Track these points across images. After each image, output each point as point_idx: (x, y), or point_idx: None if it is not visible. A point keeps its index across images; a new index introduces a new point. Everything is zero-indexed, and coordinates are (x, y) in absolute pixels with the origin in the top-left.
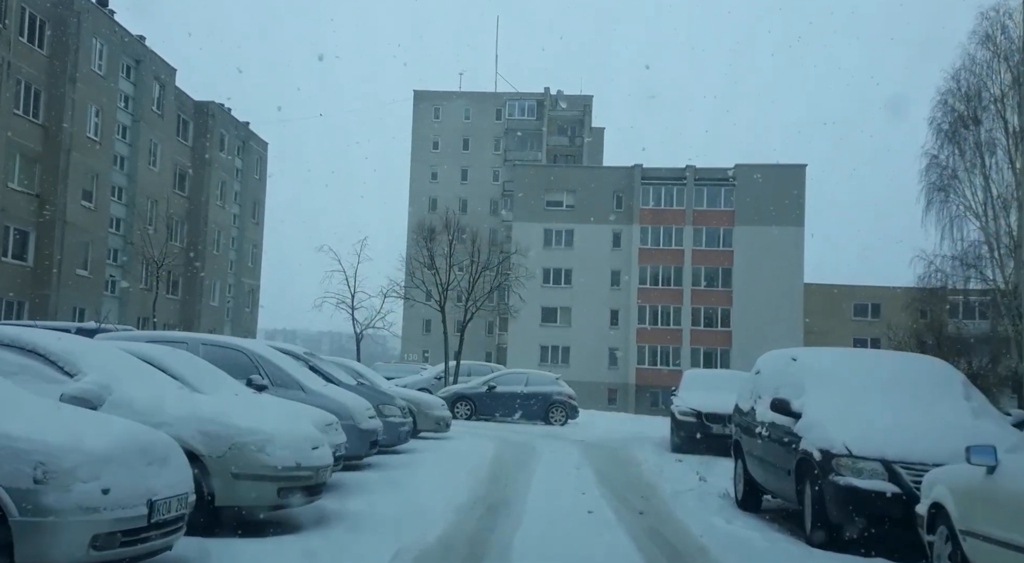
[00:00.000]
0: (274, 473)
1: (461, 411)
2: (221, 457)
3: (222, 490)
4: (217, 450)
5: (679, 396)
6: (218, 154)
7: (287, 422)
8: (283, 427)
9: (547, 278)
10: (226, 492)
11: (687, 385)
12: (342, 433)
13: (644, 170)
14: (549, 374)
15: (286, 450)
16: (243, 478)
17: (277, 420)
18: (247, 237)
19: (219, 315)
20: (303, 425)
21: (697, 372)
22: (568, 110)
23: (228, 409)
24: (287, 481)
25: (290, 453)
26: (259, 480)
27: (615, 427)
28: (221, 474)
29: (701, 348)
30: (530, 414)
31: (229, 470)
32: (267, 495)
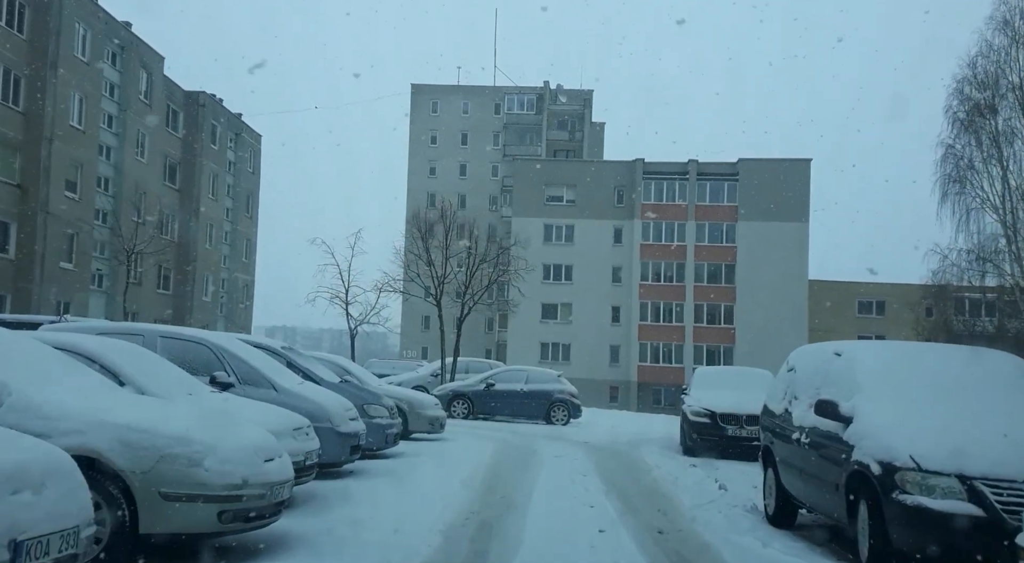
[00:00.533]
0: (213, 492)
1: (458, 410)
2: (146, 473)
3: (148, 514)
4: (142, 464)
5: (690, 395)
6: (210, 146)
7: (236, 429)
8: (229, 435)
9: (547, 274)
10: (152, 517)
11: (698, 383)
12: (315, 438)
13: (646, 164)
14: (550, 371)
15: (230, 464)
16: (174, 499)
17: (223, 426)
18: (240, 231)
19: (212, 310)
20: (255, 433)
21: (709, 370)
22: (568, 104)
23: (163, 413)
24: (231, 502)
25: (235, 467)
26: (194, 501)
27: (619, 426)
28: (146, 494)
29: (704, 345)
30: (531, 413)
31: (156, 489)
32: (205, 520)
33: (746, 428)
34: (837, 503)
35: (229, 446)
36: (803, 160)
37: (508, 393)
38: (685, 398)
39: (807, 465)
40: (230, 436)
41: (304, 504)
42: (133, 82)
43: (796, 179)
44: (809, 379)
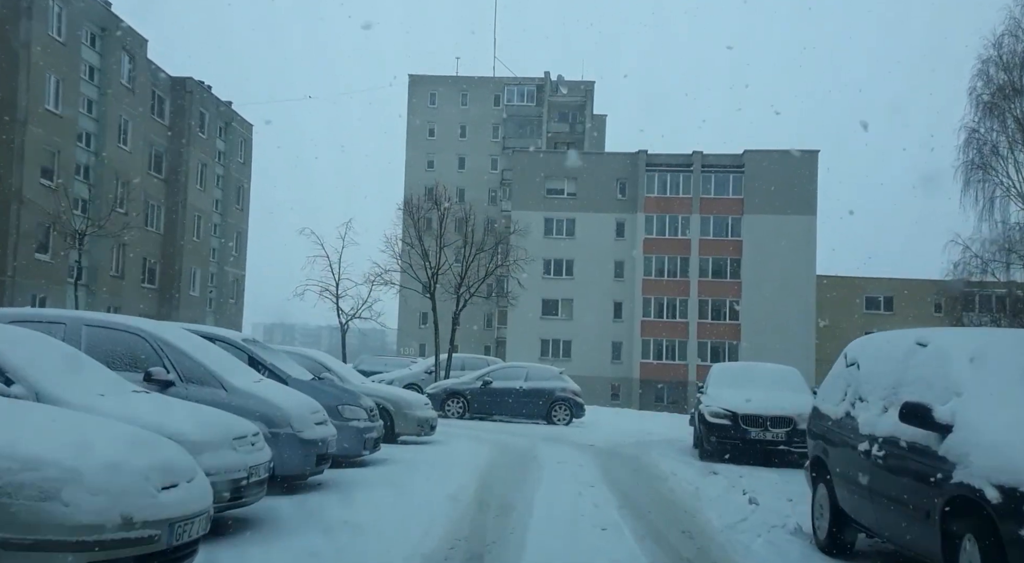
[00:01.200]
0: (74, 537)
1: (453, 409)
2: None
3: None
4: None
5: (708, 394)
6: (197, 134)
7: (121, 445)
8: (106, 454)
9: (548, 269)
10: None
11: (717, 381)
12: (264, 448)
13: (649, 156)
14: (551, 368)
15: (103, 495)
16: (17, 547)
17: (105, 442)
18: (231, 224)
19: (200, 306)
20: (155, 450)
21: (728, 366)
22: (569, 96)
23: (24, 426)
24: (104, 549)
25: (110, 500)
26: (44, 550)
27: (625, 427)
28: None
29: (708, 342)
30: (530, 413)
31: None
32: None
33: (771, 431)
34: (927, 535)
35: (101, 470)
36: (811, 152)
37: (506, 391)
38: (701, 397)
39: (880, 483)
40: (107, 455)
41: (243, 531)
42: (114, 65)
43: (804, 171)
44: (880, 376)
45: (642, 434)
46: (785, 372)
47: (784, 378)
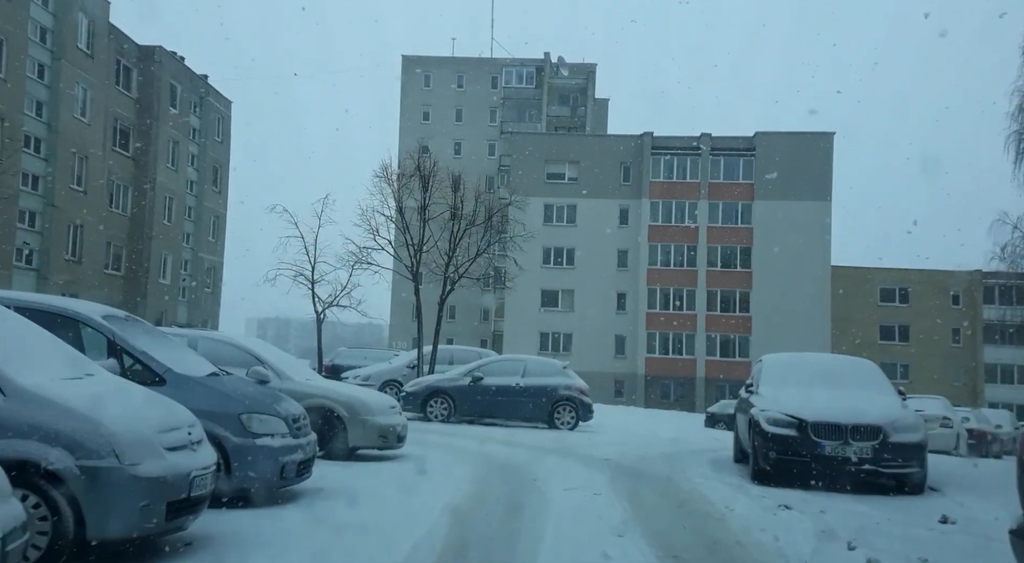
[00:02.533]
0: None
1: (436, 411)
2: None
3: None
4: None
5: (762, 394)
6: (168, 109)
7: None
8: None
9: (548, 258)
10: None
11: (771, 377)
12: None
13: (655, 139)
14: (554, 361)
15: None
16: None
17: None
18: (207, 207)
19: (171, 294)
20: None
21: (784, 358)
22: (570, 78)
23: None
24: None
25: None
26: None
27: (639, 431)
28: None
29: (717, 335)
30: (529, 414)
31: None
32: None
33: (853, 445)
34: None
35: None
36: (825, 133)
37: (500, 389)
38: (751, 398)
39: None
40: None
41: None
42: (70, 27)
43: (818, 154)
44: None
45: (663, 441)
46: (860, 365)
47: (860, 373)
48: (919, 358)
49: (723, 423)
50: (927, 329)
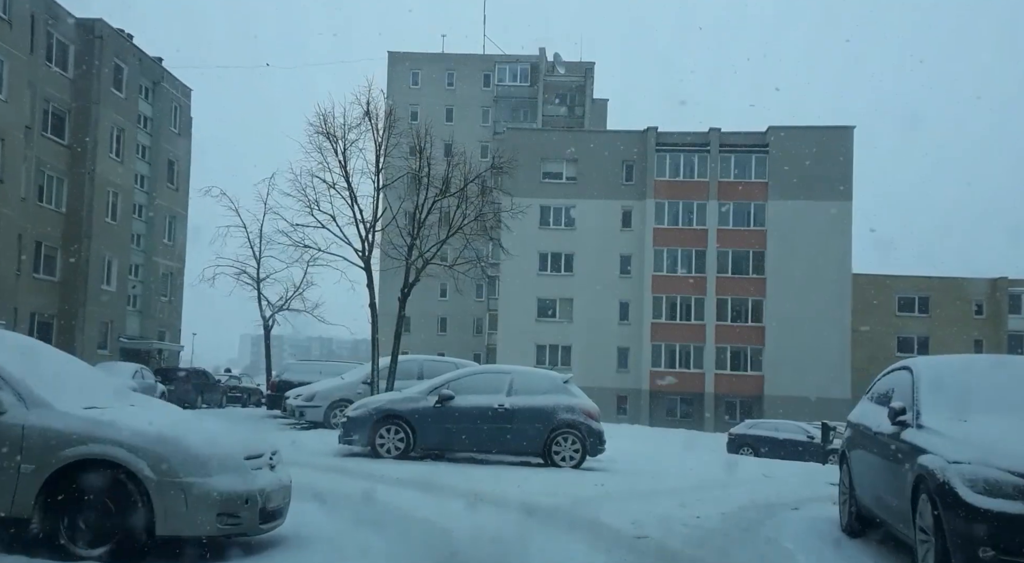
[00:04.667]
0: None
1: (388, 443)
2: None
3: None
4: None
5: (938, 432)
6: (110, 91)
7: None
8: None
9: (544, 264)
10: None
11: (944, 398)
12: None
13: (660, 135)
14: (552, 374)
15: None
16: None
17: None
18: (161, 205)
19: (117, 302)
20: None
21: (959, 363)
22: (567, 76)
23: None
24: None
25: None
26: None
27: (664, 467)
28: None
29: (728, 347)
30: (517, 446)
31: None
32: None
33: None
34: None
35: None
36: (844, 128)
37: (477, 412)
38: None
39: None
40: None
41: None
42: None
43: (836, 150)
44: None
45: (709, 486)
46: None
47: None
48: None
49: (748, 448)
50: (947, 340)
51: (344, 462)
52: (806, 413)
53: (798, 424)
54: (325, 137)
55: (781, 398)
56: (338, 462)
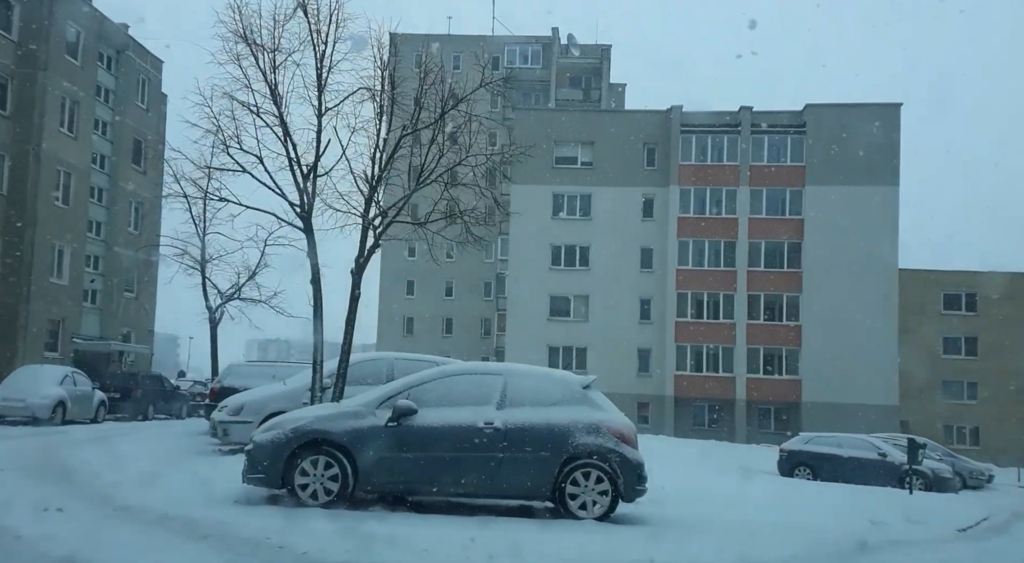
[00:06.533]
0: None
1: (315, 482)
2: None
3: None
4: None
5: None
6: (63, 58)
7: None
8: None
9: (557, 258)
10: None
11: None
12: None
13: (685, 115)
14: (568, 375)
15: None
16: None
17: None
18: (124, 189)
19: (70, 298)
20: None
21: None
22: (582, 58)
23: None
24: None
25: None
26: None
27: (725, 499)
28: None
29: (760, 348)
30: (513, 485)
31: None
32: None
33: None
34: None
35: None
36: (891, 105)
37: (451, 434)
38: None
39: None
40: None
41: None
42: None
43: (882, 130)
44: None
45: (832, 551)
46: None
47: None
48: (987, 375)
49: (805, 467)
50: (997, 341)
51: (240, 515)
52: (848, 423)
53: (866, 438)
54: (243, 40)
55: (820, 405)
56: (231, 514)
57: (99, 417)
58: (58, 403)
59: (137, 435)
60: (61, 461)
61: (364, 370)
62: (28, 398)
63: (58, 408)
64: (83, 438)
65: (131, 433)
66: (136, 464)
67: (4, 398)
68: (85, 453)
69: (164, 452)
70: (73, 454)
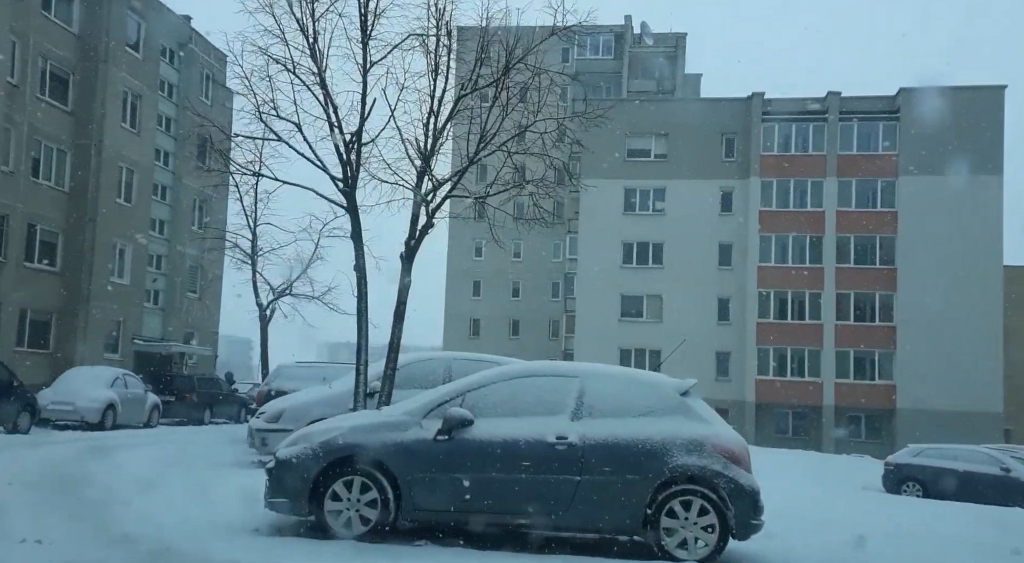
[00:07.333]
0: None
1: (350, 508)
2: None
3: None
4: None
5: None
6: (124, 50)
7: None
8: None
9: (629, 256)
10: None
11: None
12: None
13: (767, 102)
14: (663, 379)
15: None
16: None
17: None
18: (189, 187)
19: (131, 299)
20: None
21: None
22: (655, 47)
23: None
24: None
25: None
26: None
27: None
28: None
29: (850, 351)
30: (592, 516)
31: None
32: None
33: None
34: None
35: None
36: (993, 87)
37: (514, 451)
38: None
39: None
40: None
41: None
42: None
43: (984, 115)
44: None
45: None
46: None
47: None
48: None
49: (914, 483)
50: None
51: (256, 550)
52: (947, 432)
53: (986, 450)
54: None
55: (916, 412)
56: (245, 549)
57: (152, 421)
58: (108, 406)
59: (177, 442)
60: (77, 473)
61: (417, 372)
62: (77, 402)
63: (108, 412)
64: (119, 444)
65: (173, 440)
66: (157, 478)
67: (53, 402)
68: (108, 464)
69: (195, 463)
70: (95, 465)
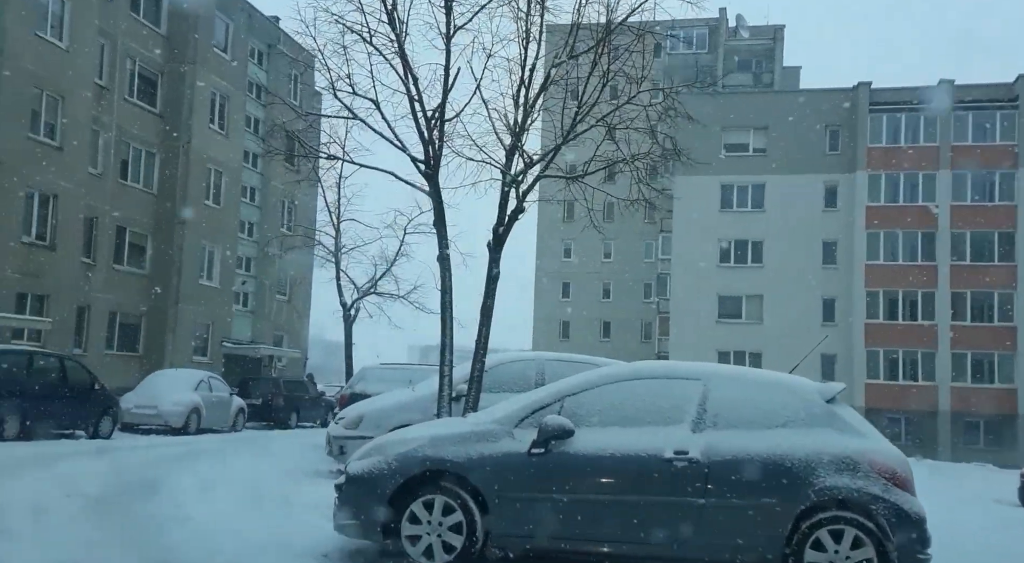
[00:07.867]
0: None
1: (432, 533)
2: None
3: None
4: None
5: None
6: (210, 51)
7: None
8: None
9: (726, 254)
10: None
11: None
12: None
13: (874, 92)
14: (803, 383)
15: None
16: None
17: None
18: (278, 188)
19: (218, 301)
20: None
21: None
22: (752, 40)
23: None
24: None
25: None
26: None
27: None
28: None
29: (967, 353)
30: (720, 546)
31: None
32: None
33: None
34: None
35: None
36: None
37: (624, 468)
38: None
39: None
40: None
41: None
42: None
43: None
44: None
45: None
46: None
47: None
48: None
49: None
50: None
51: None
52: None
53: None
54: None
55: None
56: None
57: (238, 425)
58: (192, 410)
59: (257, 448)
60: (142, 483)
61: (507, 374)
62: (160, 406)
63: (192, 415)
64: (198, 450)
65: (253, 445)
66: (224, 490)
67: (136, 405)
68: (177, 472)
69: (270, 473)
70: (163, 473)
